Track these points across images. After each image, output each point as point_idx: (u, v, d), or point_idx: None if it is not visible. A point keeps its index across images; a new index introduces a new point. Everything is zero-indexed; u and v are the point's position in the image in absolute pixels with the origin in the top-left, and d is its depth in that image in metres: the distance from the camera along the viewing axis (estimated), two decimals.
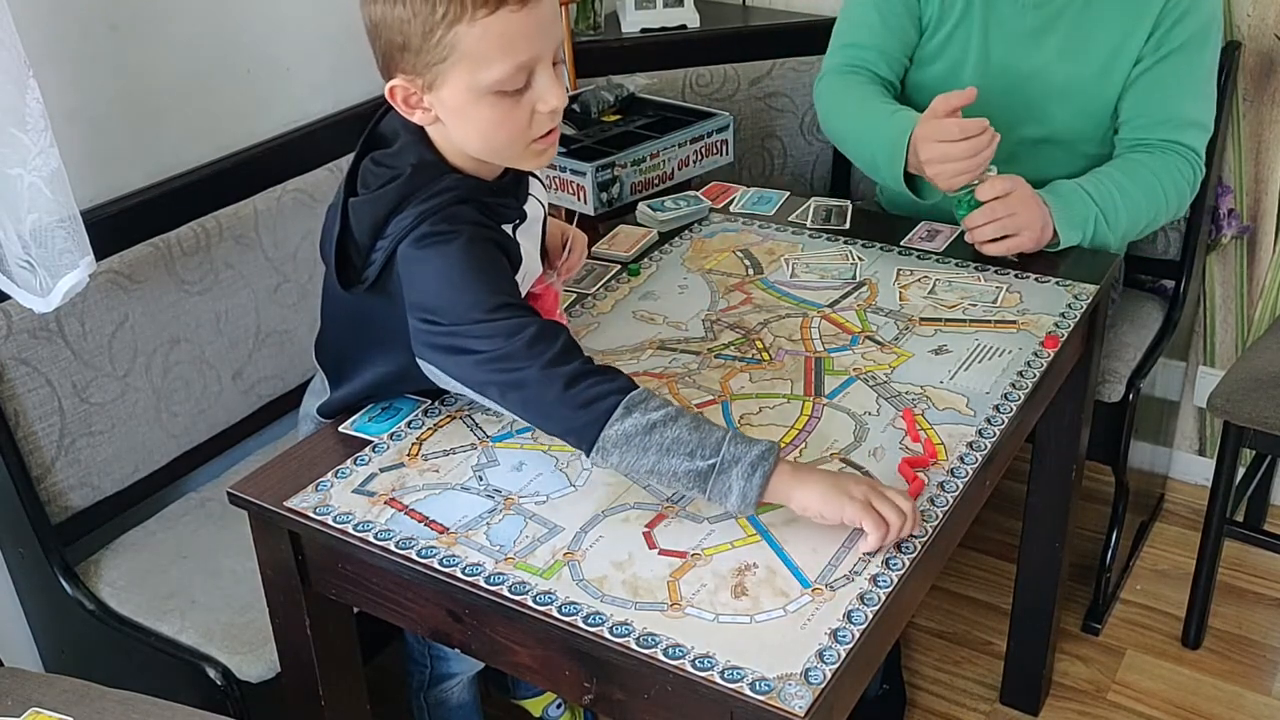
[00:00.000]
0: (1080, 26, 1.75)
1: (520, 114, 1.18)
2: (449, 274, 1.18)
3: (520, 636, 1.12)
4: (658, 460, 1.12)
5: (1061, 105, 1.78)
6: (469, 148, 1.22)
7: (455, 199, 1.20)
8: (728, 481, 1.11)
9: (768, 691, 0.97)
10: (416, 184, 1.20)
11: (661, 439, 1.12)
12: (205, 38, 1.81)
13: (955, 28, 1.82)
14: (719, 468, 1.11)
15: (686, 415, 1.14)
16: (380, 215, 1.20)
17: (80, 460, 1.63)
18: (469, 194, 1.21)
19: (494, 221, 1.24)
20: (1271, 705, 1.95)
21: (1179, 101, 1.74)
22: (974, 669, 2.05)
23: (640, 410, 1.13)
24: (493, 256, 1.21)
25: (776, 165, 2.44)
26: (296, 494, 1.23)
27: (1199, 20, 1.72)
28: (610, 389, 1.14)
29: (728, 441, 1.12)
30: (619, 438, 1.13)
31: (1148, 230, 1.78)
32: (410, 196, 1.19)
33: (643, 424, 1.12)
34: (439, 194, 1.19)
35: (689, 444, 1.11)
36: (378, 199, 1.20)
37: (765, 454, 1.11)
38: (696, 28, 2.39)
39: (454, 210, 1.20)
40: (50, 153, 1.43)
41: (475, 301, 1.17)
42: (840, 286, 1.59)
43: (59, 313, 1.56)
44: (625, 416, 1.12)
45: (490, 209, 1.24)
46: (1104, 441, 1.98)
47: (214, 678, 1.49)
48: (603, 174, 1.87)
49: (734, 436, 1.12)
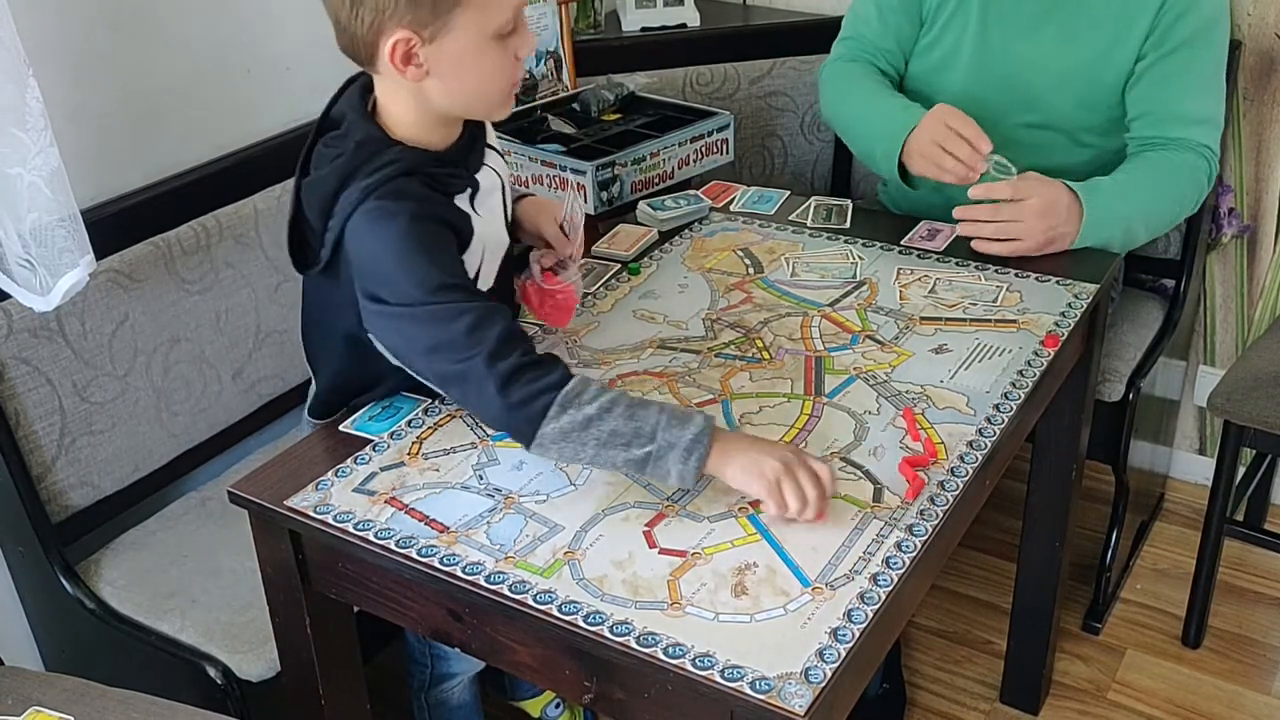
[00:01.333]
0: (1078, 15, 1.76)
1: (510, 61, 1.22)
2: (391, 253, 1.19)
3: (520, 635, 1.12)
4: (596, 453, 1.16)
5: (1059, 93, 1.78)
6: (457, 102, 1.23)
7: (399, 171, 1.21)
8: (665, 466, 1.15)
9: (768, 690, 0.97)
10: (361, 159, 1.21)
11: (598, 433, 1.15)
12: (205, 37, 1.81)
13: (953, 15, 1.84)
14: (655, 455, 1.14)
15: (621, 404, 1.16)
16: (328, 193, 1.22)
17: (80, 459, 1.63)
18: (414, 166, 1.22)
19: (443, 193, 1.25)
20: (1272, 705, 1.95)
21: (1189, 98, 1.74)
22: (974, 668, 2.05)
23: (575, 407, 1.15)
24: (436, 235, 1.22)
25: (777, 164, 2.44)
26: (297, 493, 1.23)
27: (1203, 15, 1.72)
28: (545, 386, 1.16)
29: (662, 428, 1.14)
30: (556, 435, 1.16)
31: (1168, 229, 1.79)
32: (355, 172, 1.21)
33: (578, 420, 1.15)
34: (383, 167, 1.21)
35: (624, 435, 1.15)
36: (325, 177, 1.22)
37: (699, 437, 1.14)
38: (697, 26, 2.39)
39: (397, 185, 1.20)
40: (50, 152, 1.42)
41: (417, 282, 1.18)
42: (840, 286, 1.59)
43: (59, 312, 1.56)
44: (560, 415, 1.15)
45: (438, 180, 1.25)
46: (1104, 441, 1.98)
47: (214, 677, 1.49)
48: (603, 173, 1.87)
49: (668, 422, 1.15)
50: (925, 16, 1.88)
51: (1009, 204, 1.60)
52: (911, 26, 1.90)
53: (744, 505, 1.18)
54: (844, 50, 1.96)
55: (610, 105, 2.13)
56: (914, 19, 1.89)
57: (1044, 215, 1.59)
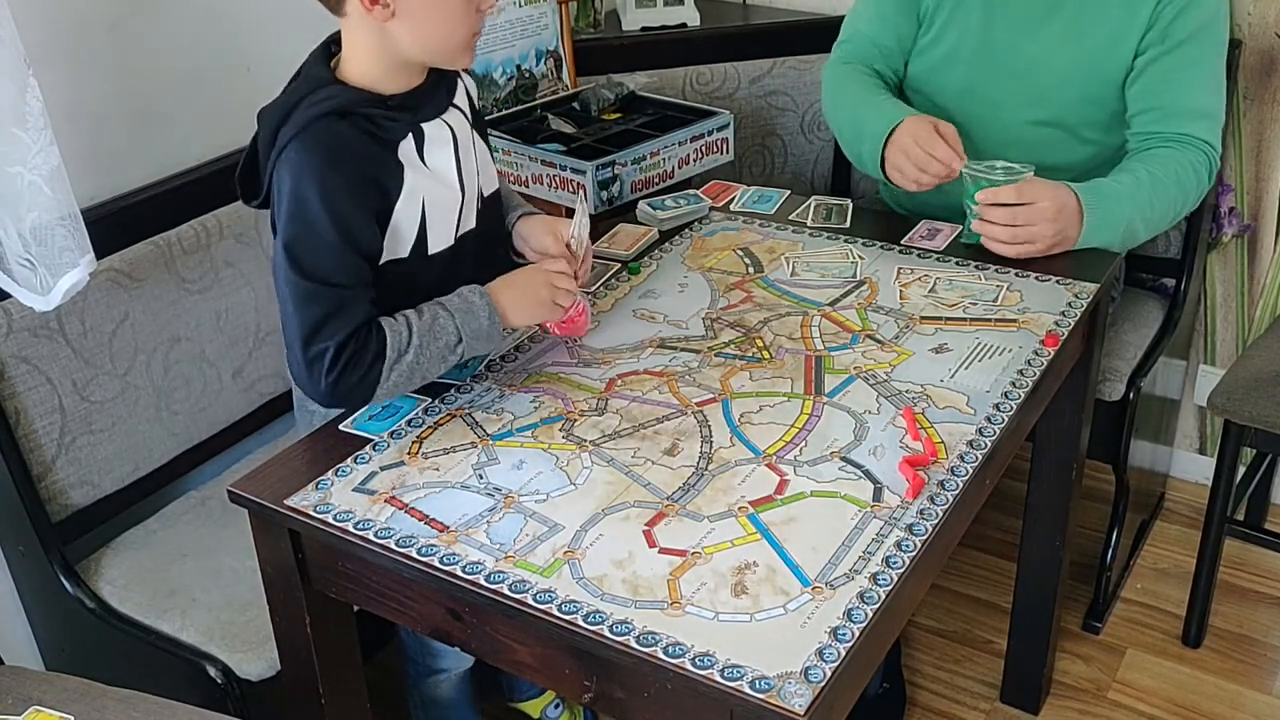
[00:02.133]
0: (1084, 10, 1.76)
1: (471, 11, 1.28)
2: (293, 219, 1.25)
3: (520, 635, 1.12)
4: (424, 377, 1.32)
5: (1065, 89, 1.78)
6: (413, 46, 1.28)
7: (334, 108, 1.26)
8: (477, 349, 1.34)
9: (768, 690, 0.97)
10: (303, 93, 1.28)
11: (421, 364, 1.30)
12: (205, 36, 1.81)
13: (953, 12, 1.83)
14: (468, 348, 1.32)
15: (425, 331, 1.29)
16: (273, 126, 1.28)
17: (81, 458, 1.63)
18: (351, 105, 1.28)
19: (380, 137, 1.29)
20: (1272, 704, 1.95)
21: (1189, 94, 1.74)
22: (974, 668, 2.05)
23: (399, 362, 1.28)
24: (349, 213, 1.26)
25: (777, 164, 2.44)
26: (296, 492, 1.23)
27: (1204, 11, 1.72)
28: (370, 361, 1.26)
29: (461, 326, 1.31)
30: (390, 389, 1.30)
31: (1170, 226, 1.79)
32: (296, 106, 1.27)
33: (403, 369, 1.29)
34: (320, 102, 1.26)
35: (440, 351, 1.30)
36: (271, 108, 1.30)
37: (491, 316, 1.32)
38: (697, 26, 2.39)
39: (324, 126, 1.25)
40: (50, 151, 1.42)
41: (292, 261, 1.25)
42: (840, 285, 1.59)
43: (59, 311, 1.56)
44: (389, 375, 1.28)
45: (375, 122, 1.29)
46: (1104, 440, 1.98)
47: (214, 676, 1.49)
48: (603, 172, 1.87)
49: (462, 318, 1.31)
50: (923, 16, 1.88)
51: (1022, 207, 1.59)
52: (910, 25, 1.90)
53: (744, 505, 1.18)
54: (842, 53, 1.97)
55: (610, 105, 2.13)
56: (912, 18, 1.89)
57: (1055, 218, 1.59)
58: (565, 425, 1.32)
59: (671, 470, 1.23)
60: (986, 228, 1.62)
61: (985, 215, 1.62)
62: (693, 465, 1.24)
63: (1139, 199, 1.65)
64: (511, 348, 1.47)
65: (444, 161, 1.36)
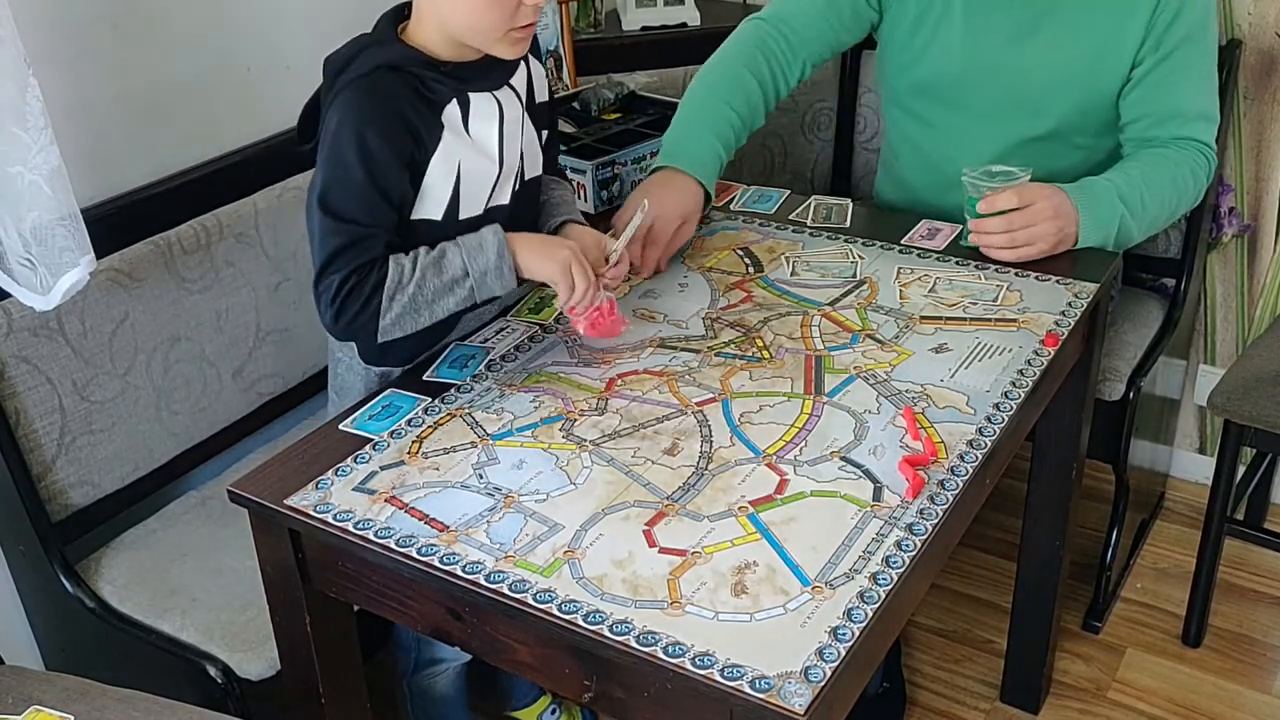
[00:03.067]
0: (1070, 20, 1.74)
1: (508, 3, 1.29)
2: (330, 157, 1.31)
3: (520, 634, 1.12)
4: (430, 314, 1.34)
5: (1056, 99, 1.77)
6: (452, 22, 1.32)
7: (388, 60, 1.32)
8: (488, 289, 1.35)
9: (768, 689, 0.97)
10: (364, 44, 1.34)
11: (424, 297, 1.32)
12: (205, 36, 1.81)
13: (938, 25, 1.80)
14: (476, 286, 1.34)
15: (429, 264, 1.32)
16: (333, 72, 1.34)
17: (81, 458, 1.63)
18: (404, 63, 1.33)
19: (426, 96, 1.34)
20: (1272, 704, 1.95)
21: (1184, 96, 1.74)
22: (974, 667, 2.06)
23: (400, 292, 1.31)
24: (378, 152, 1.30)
25: (777, 163, 2.44)
26: (296, 492, 1.23)
27: (1196, 13, 1.71)
28: (370, 290, 1.30)
29: (469, 262, 1.33)
30: (392, 322, 1.33)
31: (1165, 225, 1.78)
32: (357, 55, 1.33)
33: (405, 302, 1.32)
34: (377, 55, 1.32)
35: (445, 286, 1.33)
36: (335, 56, 1.35)
37: (500, 251, 1.34)
38: (697, 26, 2.39)
39: (377, 78, 1.31)
40: (50, 150, 1.42)
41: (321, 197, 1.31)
42: (840, 285, 1.59)
43: (59, 311, 1.56)
44: (390, 306, 1.31)
45: (424, 82, 1.34)
46: (1104, 440, 1.98)
47: (214, 676, 1.49)
48: (603, 172, 1.87)
49: (470, 254, 1.33)
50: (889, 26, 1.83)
51: (1019, 212, 1.59)
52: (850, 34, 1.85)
53: (744, 505, 1.18)
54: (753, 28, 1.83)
55: (610, 104, 2.13)
56: (858, 27, 1.85)
57: (1055, 216, 1.59)
58: (565, 425, 1.32)
59: (671, 470, 1.23)
60: (983, 238, 1.61)
61: (980, 227, 1.61)
62: (693, 465, 1.24)
63: (1130, 199, 1.65)
64: (512, 347, 1.47)
65: (486, 133, 1.39)
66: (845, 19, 1.85)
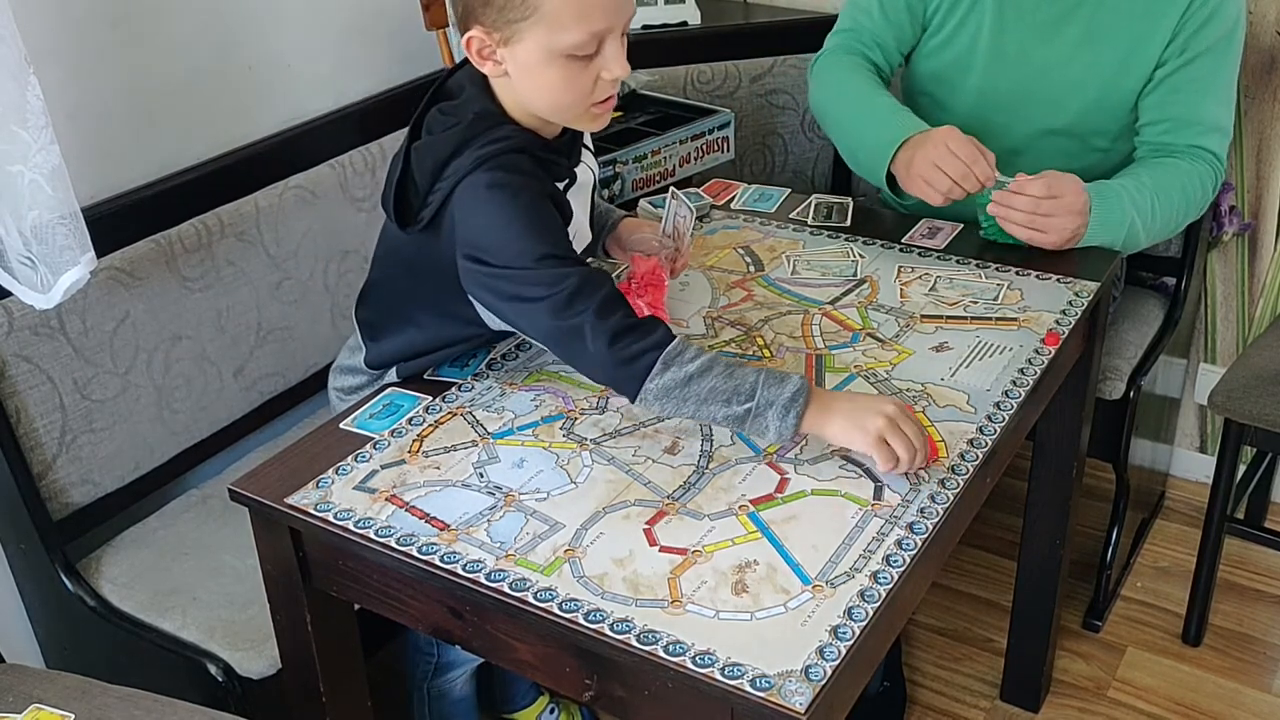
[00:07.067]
0: (1100, 18, 1.75)
1: (586, 78, 1.24)
2: (502, 217, 1.23)
3: (521, 633, 1.12)
4: (696, 409, 1.21)
5: (1078, 97, 1.77)
6: (533, 104, 1.28)
7: (512, 147, 1.26)
8: (764, 423, 1.19)
9: (768, 688, 0.97)
10: (477, 130, 1.26)
11: (699, 390, 1.20)
12: (206, 34, 1.81)
13: (966, 15, 1.82)
14: (754, 411, 1.19)
15: (720, 363, 1.21)
16: (441, 158, 1.26)
17: (81, 457, 1.63)
18: (525, 145, 1.27)
19: (552, 174, 1.31)
20: (1272, 702, 1.95)
21: (1204, 106, 1.74)
22: (974, 666, 2.06)
23: (677, 364, 1.20)
24: (546, 208, 1.26)
25: (777, 162, 2.44)
26: (297, 491, 1.23)
27: (1225, 23, 1.71)
28: (649, 344, 1.21)
29: (761, 386, 1.19)
30: (659, 391, 1.21)
31: (1171, 235, 1.79)
32: (470, 141, 1.26)
33: (680, 377, 1.20)
34: (497, 140, 1.26)
35: (724, 392, 1.19)
36: (439, 142, 1.27)
37: (796, 395, 1.19)
38: (698, 24, 2.39)
39: (510, 159, 1.25)
40: (51, 149, 1.42)
41: (524, 249, 1.23)
42: (841, 284, 1.59)
43: (60, 309, 1.56)
44: (663, 372, 1.20)
45: (543, 163, 1.30)
46: (1105, 439, 1.98)
47: (215, 674, 1.49)
48: (604, 171, 1.87)
49: (766, 379, 1.19)
50: (929, 19, 1.87)
51: (1048, 200, 1.58)
52: (913, 27, 1.89)
53: (745, 504, 1.18)
54: (839, 41, 1.95)
55: None
56: (916, 21, 1.88)
57: (1076, 214, 1.59)
58: (566, 424, 1.32)
59: (672, 469, 1.23)
60: (1006, 212, 1.61)
61: (1006, 200, 1.61)
62: (693, 464, 1.24)
63: (1142, 204, 1.65)
64: (512, 345, 1.47)
65: (584, 204, 1.40)
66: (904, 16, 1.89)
